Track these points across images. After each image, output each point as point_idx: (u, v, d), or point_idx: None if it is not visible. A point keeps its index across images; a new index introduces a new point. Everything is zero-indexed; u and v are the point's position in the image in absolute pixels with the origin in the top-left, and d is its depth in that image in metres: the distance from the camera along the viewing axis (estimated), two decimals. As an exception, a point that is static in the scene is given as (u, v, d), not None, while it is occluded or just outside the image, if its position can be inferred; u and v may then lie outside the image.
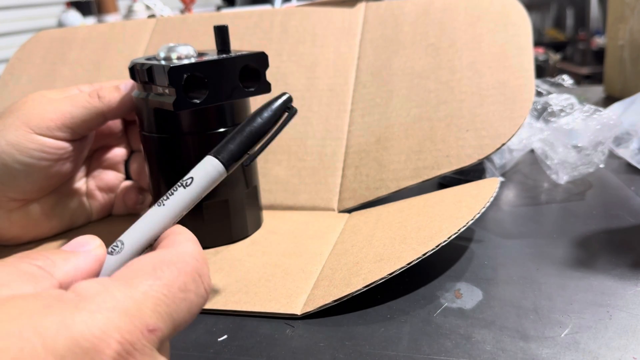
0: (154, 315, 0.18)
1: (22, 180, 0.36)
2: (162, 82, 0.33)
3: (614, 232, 0.37)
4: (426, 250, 0.30)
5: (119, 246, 0.23)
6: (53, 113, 0.35)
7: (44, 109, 0.36)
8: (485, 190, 0.36)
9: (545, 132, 0.46)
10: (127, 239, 0.23)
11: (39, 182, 0.37)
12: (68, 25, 1.56)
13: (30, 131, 0.35)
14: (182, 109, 0.33)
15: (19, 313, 0.15)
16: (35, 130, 0.35)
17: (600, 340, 0.26)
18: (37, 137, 0.35)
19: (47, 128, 0.35)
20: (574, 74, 2.47)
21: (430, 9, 0.48)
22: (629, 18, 0.67)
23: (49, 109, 0.36)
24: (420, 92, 0.44)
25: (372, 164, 0.42)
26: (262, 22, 0.50)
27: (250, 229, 0.39)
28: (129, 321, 0.17)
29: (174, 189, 0.25)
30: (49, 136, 0.35)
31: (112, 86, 0.38)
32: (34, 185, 0.36)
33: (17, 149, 0.35)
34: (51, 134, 0.35)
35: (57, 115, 0.35)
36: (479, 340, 0.26)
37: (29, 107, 0.36)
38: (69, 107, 0.36)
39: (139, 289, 0.18)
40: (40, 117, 0.35)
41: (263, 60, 0.36)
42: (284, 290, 0.31)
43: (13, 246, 0.39)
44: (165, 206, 0.25)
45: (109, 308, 0.17)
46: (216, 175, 0.27)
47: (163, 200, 0.25)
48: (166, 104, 0.33)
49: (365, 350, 0.26)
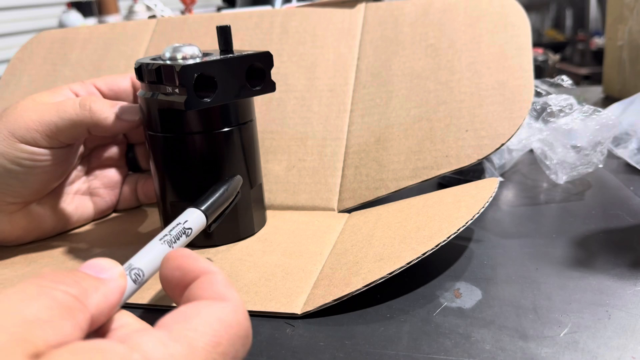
0: None
1: (17, 186, 0.35)
2: (171, 82, 0.33)
3: (613, 232, 0.37)
4: (426, 250, 0.30)
5: (141, 276, 0.24)
6: (38, 123, 0.34)
7: (29, 118, 0.35)
8: (484, 190, 0.36)
9: (544, 133, 0.46)
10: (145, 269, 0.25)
11: (35, 185, 0.36)
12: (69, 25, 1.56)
13: (16, 140, 0.34)
14: (192, 108, 0.33)
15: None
16: (20, 140, 0.34)
17: (599, 339, 0.26)
18: (23, 147, 0.34)
19: (32, 138, 0.34)
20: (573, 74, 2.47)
21: (429, 9, 0.48)
22: (628, 19, 0.67)
23: (33, 117, 0.35)
24: (420, 93, 0.44)
25: (372, 164, 0.42)
26: (262, 22, 0.50)
27: (256, 227, 0.39)
28: None
29: (179, 233, 0.29)
30: (35, 145, 0.35)
31: (108, 102, 0.36)
32: (31, 189, 0.36)
33: (6, 158, 0.34)
34: (36, 143, 0.35)
35: (41, 126, 0.34)
36: (478, 340, 0.27)
37: (16, 115, 0.35)
38: (55, 117, 0.35)
39: (200, 356, 0.18)
40: (25, 126, 0.34)
41: (269, 60, 0.36)
42: (284, 289, 0.31)
43: (16, 246, 0.39)
44: (172, 249, 0.27)
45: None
46: (201, 228, 0.31)
47: (172, 242, 0.28)
48: (176, 103, 0.33)
49: (365, 349, 0.26)
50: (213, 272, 0.22)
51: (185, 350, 0.17)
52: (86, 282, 0.19)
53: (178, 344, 0.18)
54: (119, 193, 0.44)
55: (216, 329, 0.19)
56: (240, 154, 0.37)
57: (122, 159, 0.44)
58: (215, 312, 0.19)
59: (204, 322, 0.19)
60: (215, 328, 0.19)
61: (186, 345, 0.18)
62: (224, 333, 0.19)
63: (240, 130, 0.37)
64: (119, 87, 0.40)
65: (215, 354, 0.18)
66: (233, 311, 0.20)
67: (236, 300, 0.21)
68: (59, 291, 0.18)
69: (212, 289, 0.21)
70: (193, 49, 0.35)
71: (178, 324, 0.19)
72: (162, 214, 0.39)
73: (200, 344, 0.18)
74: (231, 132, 0.36)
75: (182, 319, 0.19)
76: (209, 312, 0.19)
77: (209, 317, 0.19)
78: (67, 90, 0.38)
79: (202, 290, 0.21)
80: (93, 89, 0.39)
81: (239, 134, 0.37)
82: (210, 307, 0.20)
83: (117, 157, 0.43)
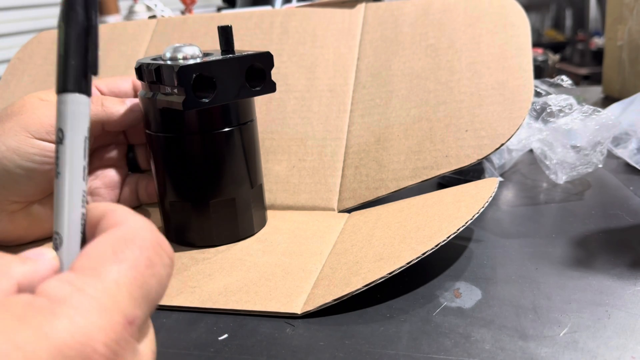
0: (130, 304, 0.17)
1: (24, 184, 0.36)
2: (170, 82, 0.33)
3: (612, 231, 0.37)
4: (425, 250, 0.30)
5: (57, 238, 0.20)
6: (52, 118, 0.35)
7: (43, 114, 0.35)
8: (484, 190, 0.36)
9: (544, 132, 0.46)
10: (57, 226, 0.20)
11: (41, 184, 0.37)
12: (68, 25, 1.56)
13: (30, 136, 0.35)
14: (191, 109, 0.33)
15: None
16: (34, 135, 0.35)
17: (599, 339, 0.26)
18: (37, 142, 0.35)
19: (46, 132, 0.35)
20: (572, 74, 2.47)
21: (429, 9, 0.48)
22: (628, 19, 0.67)
23: (48, 113, 0.35)
24: (420, 93, 0.44)
25: (372, 164, 0.42)
26: (262, 22, 0.50)
27: (256, 227, 0.39)
28: (109, 317, 0.16)
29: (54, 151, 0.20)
30: (48, 140, 0.35)
31: (117, 99, 0.38)
32: (36, 188, 0.37)
33: (17, 154, 0.35)
34: (50, 139, 0.35)
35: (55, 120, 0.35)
36: (478, 340, 0.27)
37: (27, 111, 0.35)
38: None
39: (109, 278, 0.17)
40: (39, 121, 0.35)
41: (269, 60, 0.36)
42: (284, 289, 0.31)
43: (16, 246, 0.39)
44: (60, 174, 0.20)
45: (87, 309, 0.16)
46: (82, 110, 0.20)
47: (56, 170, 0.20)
48: (175, 103, 0.33)
49: (365, 349, 0.26)
50: (112, 209, 0.20)
51: (92, 280, 0.17)
52: (10, 256, 0.18)
53: (83, 277, 0.17)
54: (119, 193, 0.44)
55: (115, 249, 0.18)
56: (240, 154, 0.37)
57: (122, 159, 0.44)
58: (111, 236, 0.18)
59: (102, 248, 0.18)
60: (114, 249, 0.18)
61: (91, 275, 0.17)
62: (125, 249, 0.18)
63: (240, 130, 0.37)
64: (120, 89, 0.41)
65: (124, 270, 0.17)
66: (128, 228, 0.19)
67: (134, 219, 0.19)
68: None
69: (109, 222, 0.19)
70: (194, 49, 0.35)
71: (80, 261, 0.18)
72: (162, 213, 0.39)
73: (104, 268, 0.17)
74: (232, 133, 0.36)
75: (83, 256, 0.18)
76: (105, 238, 0.18)
77: (106, 242, 0.18)
78: None
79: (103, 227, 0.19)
80: (95, 90, 0.40)
81: (240, 134, 0.37)
82: (106, 235, 0.19)
83: (117, 158, 0.43)
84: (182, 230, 0.38)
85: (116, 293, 0.17)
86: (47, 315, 0.15)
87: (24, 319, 0.15)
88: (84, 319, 0.15)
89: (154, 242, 0.19)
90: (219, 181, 0.36)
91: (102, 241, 0.18)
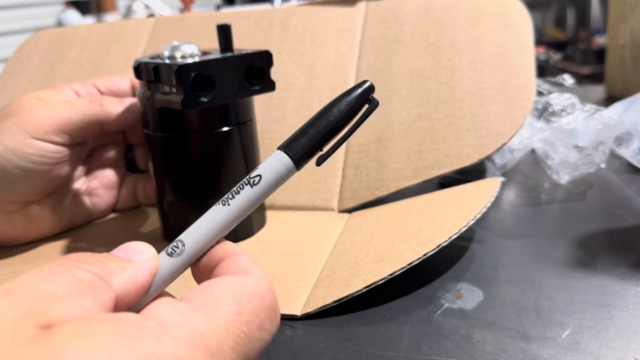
0: (232, 355, 0.17)
1: (21, 184, 0.35)
2: (168, 81, 0.33)
3: (614, 232, 0.37)
4: (427, 251, 0.30)
5: (180, 247, 0.21)
6: (50, 118, 0.35)
7: (41, 113, 0.35)
8: (486, 191, 0.35)
9: (546, 132, 0.46)
10: (187, 239, 0.21)
11: (39, 185, 0.36)
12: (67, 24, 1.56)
13: (28, 136, 0.34)
14: (189, 108, 0.33)
15: (100, 344, 0.15)
16: (33, 135, 0.34)
17: (602, 340, 0.26)
18: (35, 142, 0.35)
19: (44, 133, 0.35)
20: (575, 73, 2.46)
21: (430, 8, 0.47)
22: (630, 17, 0.66)
23: (47, 113, 0.35)
24: (421, 92, 0.44)
25: (372, 164, 0.42)
26: (261, 21, 0.50)
27: (255, 228, 0.39)
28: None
29: (239, 186, 0.23)
30: (46, 141, 0.35)
31: (115, 98, 0.38)
32: (34, 189, 0.36)
33: (15, 154, 0.34)
34: (49, 139, 0.35)
35: (54, 120, 0.35)
36: (479, 341, 0.26)
37: (25, 110, 0.35)
38: (68, 112, 0.36)
39: (221, 324, 0.17)
40: (38, 121, 0.35)
41: (268, 59, 0.36)
42: (284, 290, 0.31)
43: (15, 246, 0.39)
44: (230, 206, 0.22)
45: (194, 344, 0.16)
46: (285, 173, 0.23)
47: (228, 199, 0.22)
48: (173, 102, 0.33)
49: (366, 350, 0.26)
50: (238, 253, 0.21)
51: (205, 319, 0.17)
52: (112, 262, 0.19)
53: (197, 313, 0.17)
54: (117, 193, 0.44)
55: (238, 298, 0.18)
56: (240, 153, 0.37)
57: (121, 159, 0.44)
58: (237, 283, 0.19)
59: (225, 292, 0.18)
60: (236, 298, 0.18)
61: (206, 314, 0.17)
62: (246, 302, 0.18)
63: (240, 129, 0.36)
64: (119, 89, 0.40)
65: (238, 322, 0.18)
66: (255, 283, 0.19)
67: (259, 273, 0.20)
68: (81, 269, 0.17)
69: (235, 266, 0.20)
70: (192, 48, 0.35)
71: (198, 296, 0.18)
72: (161, 213, 0.39)
73: (221, 312, 0.18)
74: (231, 132, 0.36)
75: (203, 291, 0.18)
76: (231, 283, 0.19)
77: (231, 287, 0.19)
78: (69, 89, 0.38)
79: (226, 269, 0.20)
80: (93, 89, 0.39)
81: (239, 133, 0.36)
82: (232, 280, 0.19)
83: (116, 158, 0.43)
84: (180, 230, 0.37)
85: (223, 340, 0.17)
86: (154, 341, 0.16)
87: (134, 340, 0.15)
88: (188, 354, 0.16)
89: (272, 306, 0.19)
90: (218, 181, 0.36)
91: (226, 285, 0.19)
